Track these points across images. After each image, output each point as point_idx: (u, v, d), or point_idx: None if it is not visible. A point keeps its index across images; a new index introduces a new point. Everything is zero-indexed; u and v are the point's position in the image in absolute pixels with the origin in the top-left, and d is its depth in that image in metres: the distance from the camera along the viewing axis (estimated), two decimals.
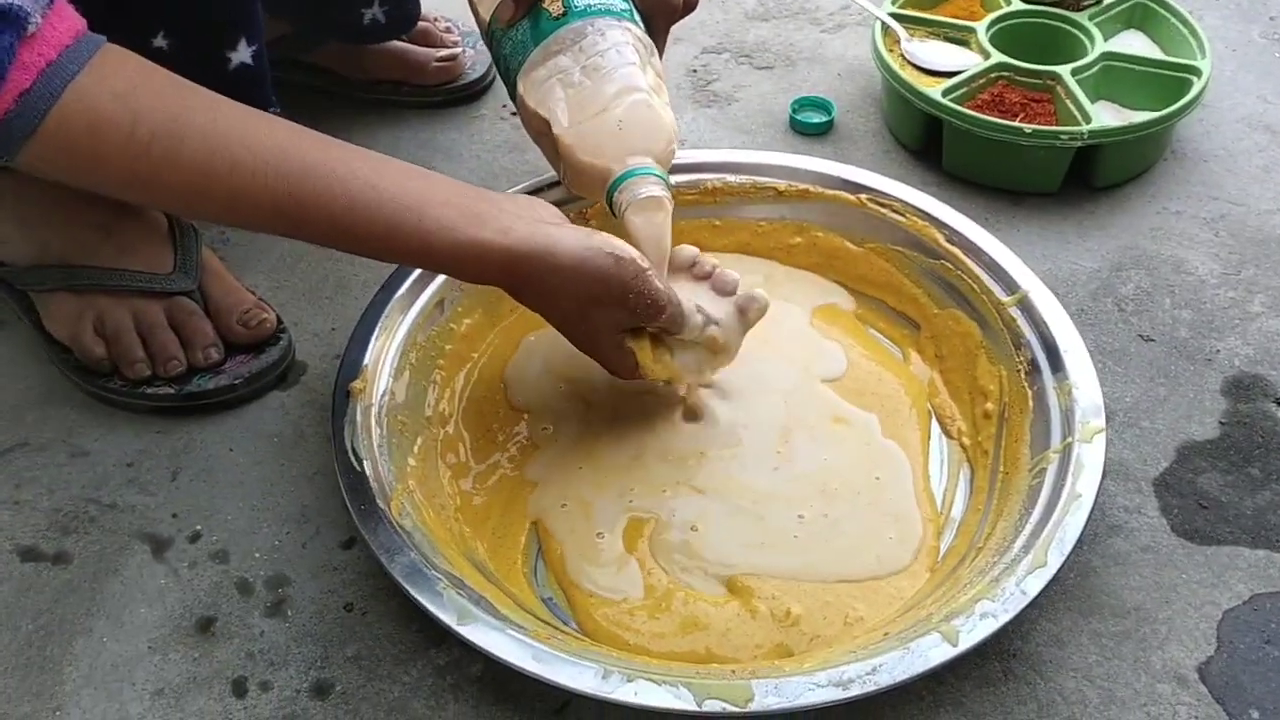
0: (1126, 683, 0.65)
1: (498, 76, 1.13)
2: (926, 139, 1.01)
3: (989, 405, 0.77)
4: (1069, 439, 0.70)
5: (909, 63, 1.03)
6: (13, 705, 0.65)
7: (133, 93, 0.59)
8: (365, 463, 0.70)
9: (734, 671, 0.62)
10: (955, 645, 0.60)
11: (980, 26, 1.04)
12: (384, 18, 1.03)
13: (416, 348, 0.80)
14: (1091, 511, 0.66)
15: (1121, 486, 0.75)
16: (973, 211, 0.89)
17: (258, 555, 0.73)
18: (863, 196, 0.86)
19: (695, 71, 1.14)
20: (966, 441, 0.78)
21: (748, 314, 0.76)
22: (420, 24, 1.09)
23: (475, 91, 1.10)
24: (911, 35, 1.06)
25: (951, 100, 0.97)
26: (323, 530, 0.74)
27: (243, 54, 0.79)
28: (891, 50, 1.04)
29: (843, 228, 0.87)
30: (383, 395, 0.75)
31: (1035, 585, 0.63)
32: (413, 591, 0.63)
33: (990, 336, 0.80)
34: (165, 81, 0.61)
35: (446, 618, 0.62)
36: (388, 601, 0.70)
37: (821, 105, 1.07)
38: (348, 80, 1.09)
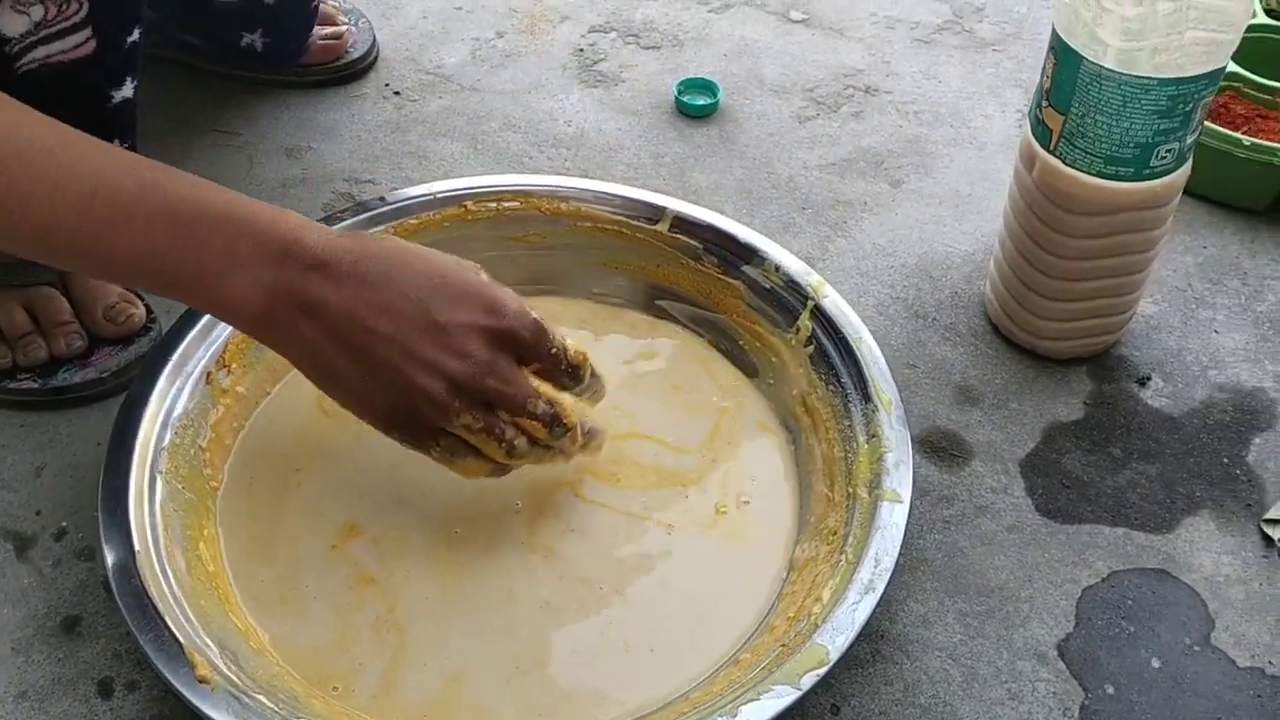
0: (989, 661, 0.67)
1: (380, 56, 1.12)
2: None
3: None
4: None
5: None
6: None
7: None
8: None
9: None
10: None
11: None
12: (261, 46, 1.01)
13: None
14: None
15: (990, 468, 0.77)
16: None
17: None
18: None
19: (582, 51, 1.13)
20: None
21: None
22: None
23: (357, 71, 1.08)
24: None
25: None
26: None
27: (126, 89, 0.76)
28: None
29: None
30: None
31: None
32: None
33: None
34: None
35: None
36: None
37: (706, 87, 1.07)
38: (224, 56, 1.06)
